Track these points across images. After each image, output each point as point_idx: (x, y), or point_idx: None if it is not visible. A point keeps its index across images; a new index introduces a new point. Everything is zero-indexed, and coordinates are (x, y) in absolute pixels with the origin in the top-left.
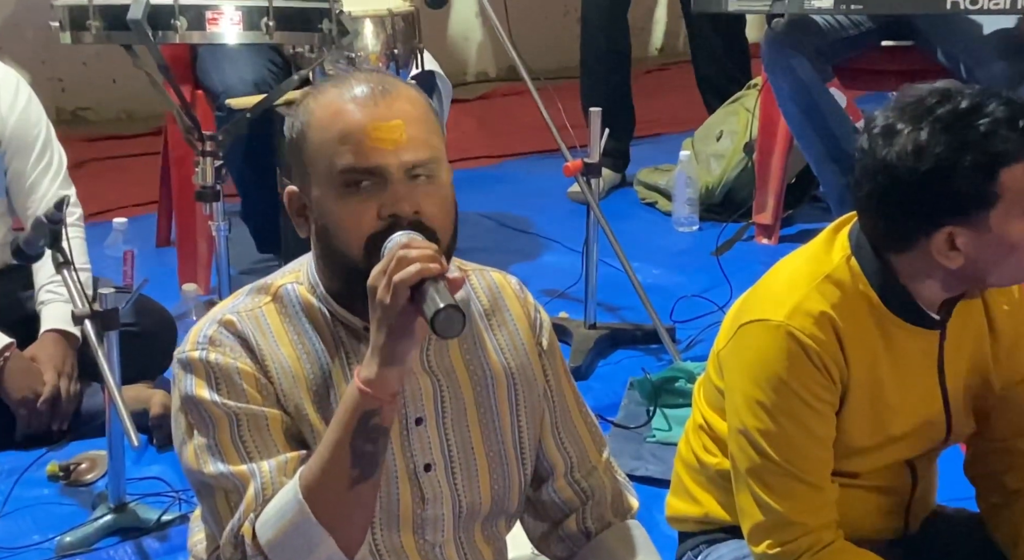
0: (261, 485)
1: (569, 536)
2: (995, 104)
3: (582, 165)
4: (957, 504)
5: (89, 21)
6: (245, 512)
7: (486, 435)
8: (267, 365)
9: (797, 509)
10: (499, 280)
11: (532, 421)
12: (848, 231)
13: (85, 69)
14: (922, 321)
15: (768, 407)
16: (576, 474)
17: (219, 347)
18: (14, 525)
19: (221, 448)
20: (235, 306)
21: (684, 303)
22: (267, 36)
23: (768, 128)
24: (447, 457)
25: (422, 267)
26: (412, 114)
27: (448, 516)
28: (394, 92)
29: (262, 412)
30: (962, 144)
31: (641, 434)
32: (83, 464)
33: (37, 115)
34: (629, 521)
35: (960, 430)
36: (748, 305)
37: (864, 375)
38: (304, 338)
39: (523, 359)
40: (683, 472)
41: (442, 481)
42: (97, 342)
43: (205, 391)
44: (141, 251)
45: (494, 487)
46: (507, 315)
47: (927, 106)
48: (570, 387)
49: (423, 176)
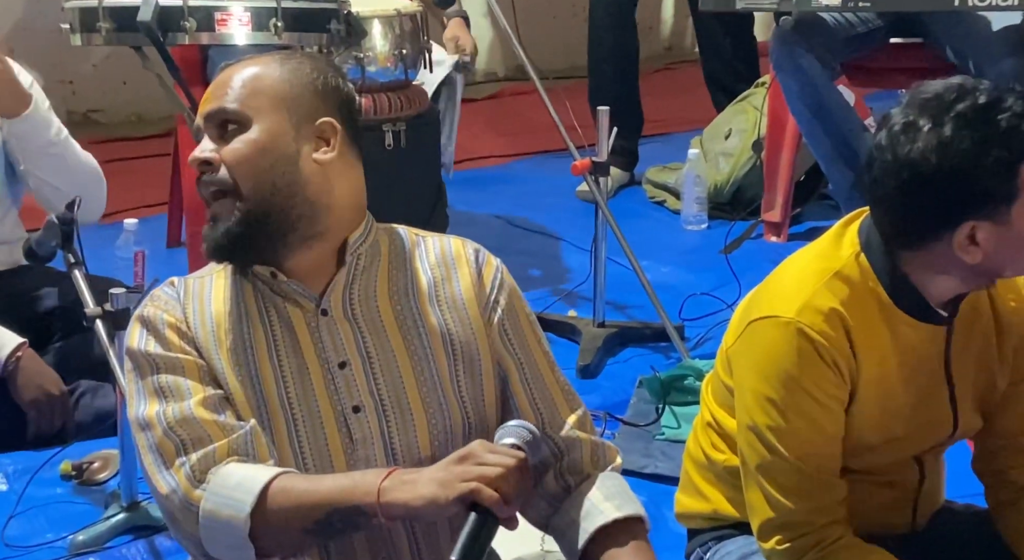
0: (168, 426)
1: (549, 493)
2: (1012, 99)
3: (590, 164)
4: (966, 500)
5: (99, 23)
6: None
7: (420, 381)
8: (188, 316)
9: (806, 505)
10: (456, 245)
11: (471, 376)
12: (857, 227)
13: (95, 71)
14: (930, 318)
15: (778, 403)
16: (549, 430)
17: (155, 302)
18: (27, 524)
19: (144, 391)
20: (194, 273)
21: (693, 301)
22: (276, 37)
23: (777, 126)
24: (377, 399)
25: (476, 487)
26: (245, 75)
27: (379, 457)
28: (253, 62)
29: (179, 358)
30: (985, 139)
31: (650, 432)
32: (95, 463)
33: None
34: (608, 472)
35: (967, 426)
36: (757, 302)
37: (873, 371)
38: (235, 300)
39: (463, 316)
40: (692, 469)
41: (372, 423)
42: (108, 342)
43: (135, 341)
44: (152, 252)
45: (432, 433)
46: (454, 274)
47: (947, 102)
48: (539, 348)
49: (231, 127)
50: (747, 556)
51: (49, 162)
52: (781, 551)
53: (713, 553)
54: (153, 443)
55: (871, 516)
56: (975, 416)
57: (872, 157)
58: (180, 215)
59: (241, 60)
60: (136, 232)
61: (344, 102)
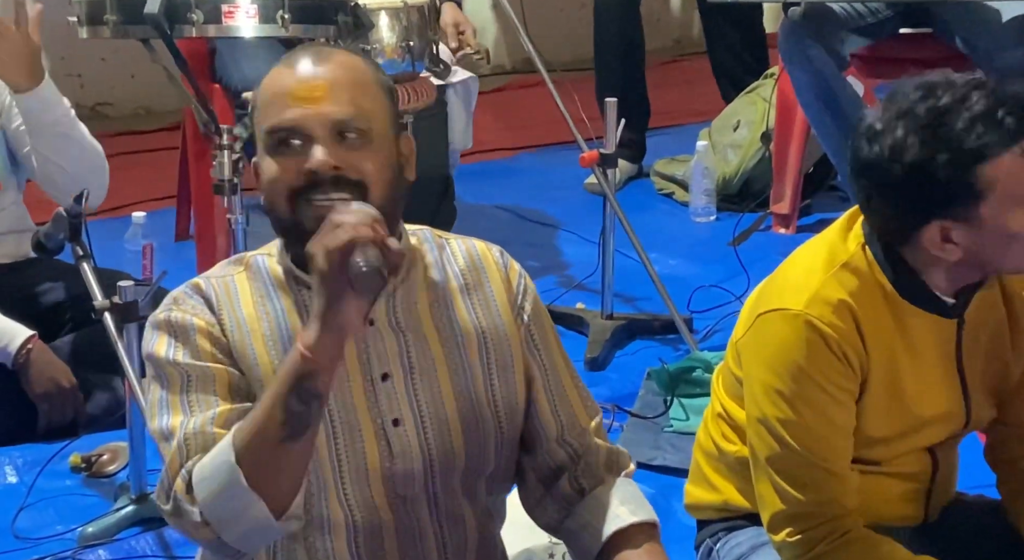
0: (183, 436)
1: (563, 496)
2: (977, 97)
3: (598, 156)
4: (977, 491)
5: (106, 16)
6: (170, 464)
7: (457, 391)
8: (223, 321)
9: (817, 498)
10: (481, 248)
11: (504, 380)
12: (863, 219)
13: (103, 65)
14: (938, 309)
15: (788, 396)
16: (567, 436)
17: (181, 306)
18: (37, 516)
19: (169, 403)
20: (208, 273)
21: (701, 293)
22: (283, 29)
23: (785, 118)
24: (416, 412)
25: (353, 234)
26: (340, 76)
27: (419, 470)
28: (327, 58)
29: (209, 368)
30: (936, 142)
31: (659, 424)
32: (105, 456)
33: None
34: (622, 478)
35: (979, 418)
36: (766, 295)
37: (883, 363)
38: (267, 301)
39: (496, 321)
40: (702, 460)
41: (411, 436)
42: (117, 334)
43: (162, 348)
44: (160, 245)
45: (468, 442)
46: (484, 278)
47: (908, 103)
48: (560, 354)
49: (351, 135)
50: (757, 547)
51: (57, 142)
52: (792, 543)
53: (723, 544)
54: (168, 454)
55: (883, 508)
56: (988, 407)
57: (849, 158)
58: (188, 208)
59: (323, 58)
60: (144, 225)
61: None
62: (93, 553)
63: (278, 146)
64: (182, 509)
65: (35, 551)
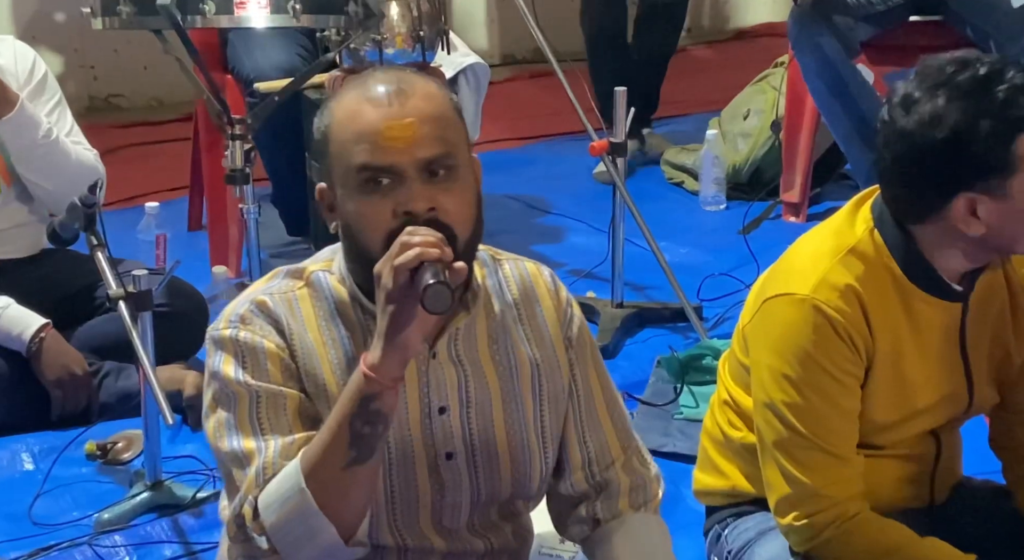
0: (263, 465)
1: (581, 520)
2: (1014, 71)
3: (608, 145)
4: (984, 477)
5: (119, 7)
6: (246, 492)
7: (509, 425)
8: (294, 346)
9: (823, 481)
10: (532, 271)
11: (554, 411)
12: (871, 204)
13: (116, 56)
14: (944, 294)
15: (794, 380)
16: (594, 467)
17: (249, 326)
18: (54, 503)
19: (238, 424)
20: (269, 288)
21: (711, 282)
22: (294, 19)
23: (795, 106)
24: (469, 446)
25: (421, 251)
26: (426, 111)
27: (466, 501)
28: (409, 91)
29: (281, 392)
30: (979, 111)
31: (668, 411)
32: (120, 443)
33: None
34: (639, 515)
35: (982, 401)
36: (772, 280)
37: (888, 347)
38: (331, 325)
39: (549, 351)
40: (709, 446)
41: (462, 470)
42: (131, 323)
43: (231, 368)
44: (173, 235)
45: (515, 476)
46: (537, 307)
47: (946, 75)
48: (598, 381)
49: (441, 171)
50: (765, 532)
51: (35, 164)
52: (799, 527)
53: (731, 529)
54: (242, 477)
55: (890, 491)
56: (991, 391)
57: (877, 131)
58: (201, 198)
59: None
60: (157, 215)
61: None
62: (109, 539)
63: (366, 183)
64: (249, 536)
65: (52, 536)
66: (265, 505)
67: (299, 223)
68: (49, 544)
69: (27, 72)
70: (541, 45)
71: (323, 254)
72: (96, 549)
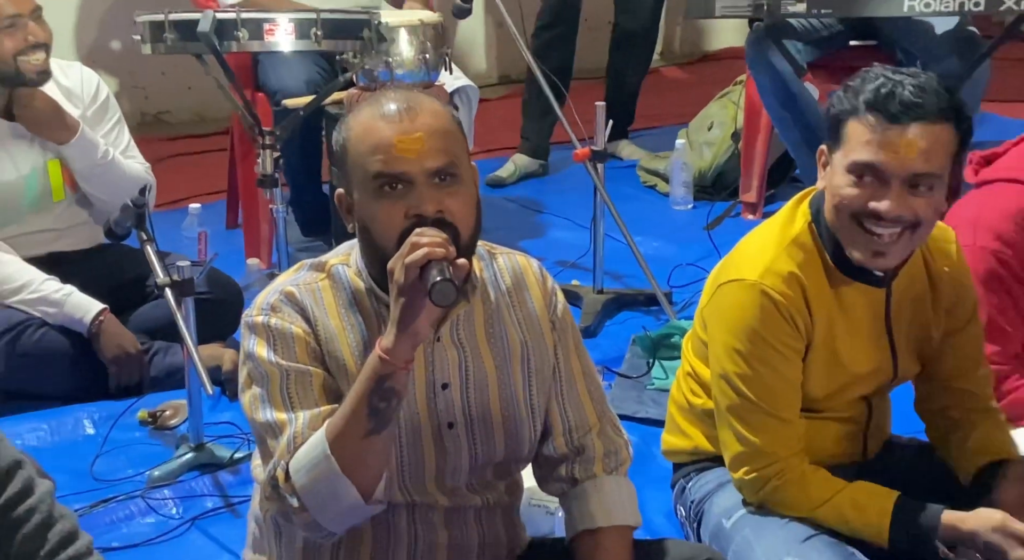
0: (293, 434)
1: (560, 480)
2: (885, 78)
3: (590, 152)
4: (910, 436)
5: (165, 34)
6: (279, 458)
7: (503, 399)
8: (318, 330)
9: (769, 440)
10: (523, 263)
11: (541, 386)
12: (809, 201)
13: (164, 78)
14: (868, 279)
15: (744, 354)
16: (573, 434)
17: (279, 313)
18: (112, 462)
19: (270, 399)
20: (295, 279)
21: (680, 271)
22: (316, 44)
23: (752, 118)
24: (467, 417)
25: (429, 251)
26: (433, 126)
27: (465, 466)
28: (417, 108)
29: (308, 370)
30: (845, 89)
31: (642, 383)
32: (168, 411)
33: (114, 107)
34: (611, 477)
35: (905, 372)
36: (726, 267)
37: (823, 327)
38: (349, 312)
39: (537, 333)
40: (675, 412)
41: (462, 438)
42: (176, 307)
43: (264, 350)
44: (213, 232)
45: (508, 442)
46: (526, 294)
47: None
48: (578, 359)
49: (447, 178)
50: (723, 485)
51: (94, 181)
52: (748, 480)
53: (694, 482)
54: (275, 445)
55: (829, 448)
56: (913, 362)
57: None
58: (236, 200)
59: (414, 110)
60: (199, 215)
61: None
62: (159, 492)
63: (381, 188)
64: (282, 495)
65: (110, 490)
66: (295, 469)
67: (313, 224)
68: (108, 497)
69: (91, 95)
70: (532, 67)
71: (342, 249)
72: (148, 501)
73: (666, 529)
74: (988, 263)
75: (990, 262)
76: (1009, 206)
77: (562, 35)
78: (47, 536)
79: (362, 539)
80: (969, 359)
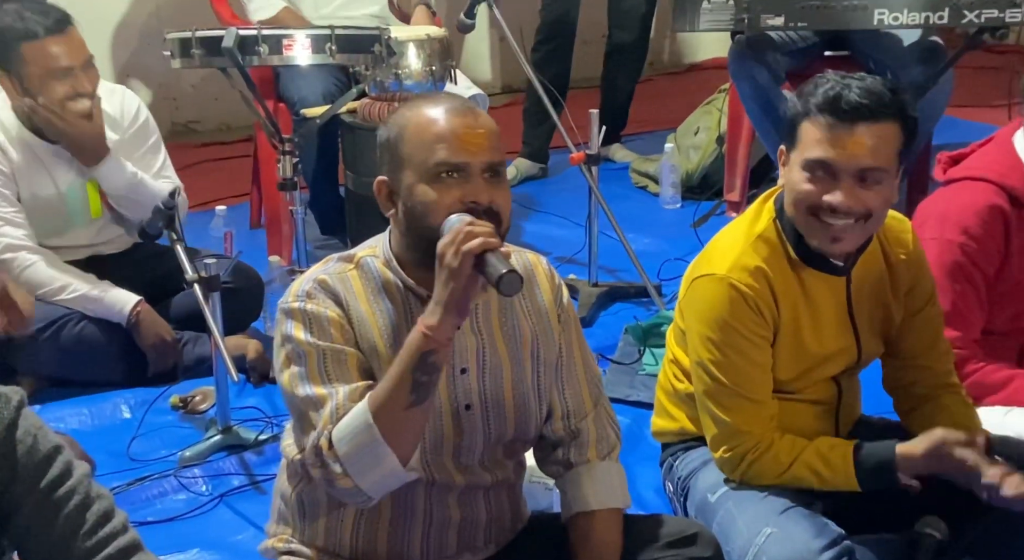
0: (335, 406)
1: (557, 462)
2: (836, 81)
3: (585, 156)
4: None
5: (193, 50)
6: (322, 427)
7: (515, 384)
8: (350, 314)
9: (742, 420)
10: (533, 260)
11: (548, 373)
12: (774, 199)
13: (193, 90)
14: (830, 269)
15: (716, 342)
16: (571, 418)
17: (314, 299)
18: (147, 443)
19: (309, 376)
20: (327, 269)
21: (669, 265)
22: (331, 57)
23: (735, 124)
24: (483, 400)
25: (485, 241)
26: (490, 127)
27: (479, 444)
28: (477, 111)
29: (342, 349)
30: (801, 90)
31: (634, 369)
32: (197, 396)
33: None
34: (604, 462)
35: (869, 353)
36: (700, 262)
37: (789, 315)
38: (378, 298)
39: (545, 323)
40: (662, 396)
41: (477, 419)
42: (204, 301)
43: (301, 332)
44: (238, 231)
45: (518, 423)
46: (536, 289)
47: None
48: (579, 348)
49: (495, 174)
50: (707, 462)
51: (123, 201)
52: (726, 458)
53: (680, 461)
54: (318, 416)
55: (802, 427)
56: (876, 343)
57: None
58: (260, 202)
59: (472, 110)
60: (225, 216)
61: None
62: (190, 471)
63: (439, 175)
64: (325, 462)
65: (145, 469)
66: (339, 438)
67: (331, 224)
68: (143, 476)
69: (131, 118)
70: (531, 77)
71: (368, 243)
72: (180, 480)
73: (655, 503)
74: (954, 254)
75: (956, 254)
76: (975, 202)
77: (559, 48)
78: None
79: (380, 514)
80: (929, 338)
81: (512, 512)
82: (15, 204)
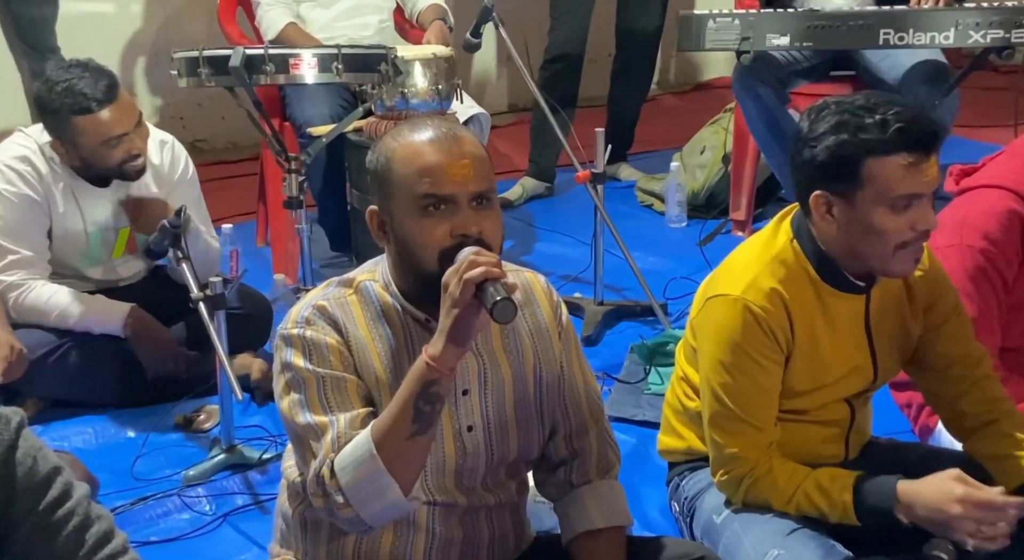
0: (336, 435)
1: (558, 483)
2: (886, 108)
3: (590, 175)
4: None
5: (200, 69)
6: (324, 456)
7: (518, 404)
8: (349, 341)
9: (743, 445)
10: (531, 278)
11: (550, 393)
12: (791, 219)
13: (200, 109)
14: (850, 288)
15: (727, 365)
16: (573, 438)
17: (313, 326)
18: (151, 462)
19: (309, 403)
20: (326, 295)
21: (674, 284)
22: (337, 76)
23: (741, 143)
24: (485, 421)
25: (486, 270)
26: (475, 155)
27: (482, 466)
28: (461, 138)
29: (342, 376)
30: (839, 125)
31: (640, 388)
32: (201, 415)
33: (195, 184)
34: (605, 481)
35: (886, 373)
36: (713, 282)
37: (805, 334)
38: (378, 324)
39: (546, 342)
40: (670, 414)
41: (480, 440)
42: (208, 320)
43: (300, 359)
44: (244, 250)
45: (521, 443)
46: (536, 307)
47: (837, 101)
48: (579, 367)
49: (483, 201)
50: (713, 483)
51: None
52: (725, 482)
53: (688, 480)
54: (319, 445)
55: (812, 448)
56: (893, 363)
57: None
58: (266, 220)
59: (458, 138)
60: (231, 234)
61: None
62: (194, 490)
63: (426, 209)
64: (328, 492)
65: (149, 489)
66: (341, 467)
67: (340, 240)
68: (147, 495)
69: (178, 172)
70: (537, 97)
71: (367, 266)
72: (184, 499)
73: (661, 524)
74: (976, 260)
75: (978, 259)
76: (994, 208)
77: (567, 69)
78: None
79: (382, 534)
80: (961, 347)
81: (516, 532)
82: (33, 238)
